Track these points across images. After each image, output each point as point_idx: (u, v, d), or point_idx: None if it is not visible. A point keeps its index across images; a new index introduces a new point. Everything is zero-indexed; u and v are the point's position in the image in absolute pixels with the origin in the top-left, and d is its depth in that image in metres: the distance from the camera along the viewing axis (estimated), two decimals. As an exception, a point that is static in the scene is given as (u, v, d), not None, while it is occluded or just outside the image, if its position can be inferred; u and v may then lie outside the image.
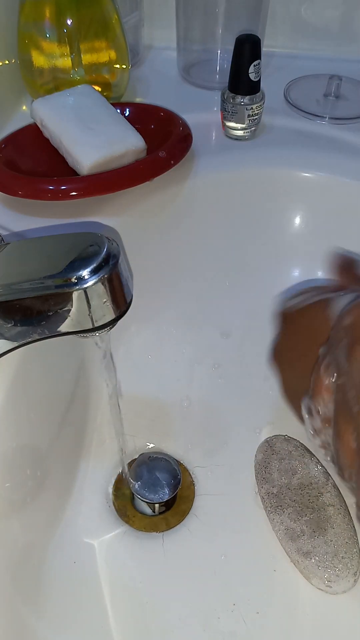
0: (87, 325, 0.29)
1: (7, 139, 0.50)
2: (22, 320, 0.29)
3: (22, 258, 0.30)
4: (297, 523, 0.40)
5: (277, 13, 0.64)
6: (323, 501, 0.41)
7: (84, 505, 0.43)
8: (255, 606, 0.38)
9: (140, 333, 0.49)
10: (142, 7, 0.65)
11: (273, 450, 0.44)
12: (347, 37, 0.65)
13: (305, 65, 0.65)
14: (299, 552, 0.39)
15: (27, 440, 0.38)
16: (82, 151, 0.47)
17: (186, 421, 0.47)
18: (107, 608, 0.38)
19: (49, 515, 0.41)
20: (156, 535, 0.42)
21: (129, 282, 0.30)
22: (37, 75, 0.55)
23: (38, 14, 0.52)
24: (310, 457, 0.43)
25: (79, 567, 0.40)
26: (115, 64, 0.56)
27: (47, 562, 0.39)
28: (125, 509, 0.43)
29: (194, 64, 0.64)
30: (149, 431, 0.47)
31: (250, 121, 0.53)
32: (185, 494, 0.44)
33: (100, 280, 0.27)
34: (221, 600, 0.38)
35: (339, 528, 0.39)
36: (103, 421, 0.46)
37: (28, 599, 0.37)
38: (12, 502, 0.37)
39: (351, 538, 0.39)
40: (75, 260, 0.27)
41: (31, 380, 0.38)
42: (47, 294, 0.27)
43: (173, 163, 0.47)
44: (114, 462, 0.45)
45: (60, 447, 0.42)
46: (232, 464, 0.45)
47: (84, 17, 0.53)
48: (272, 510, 0.41)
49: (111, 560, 0.40)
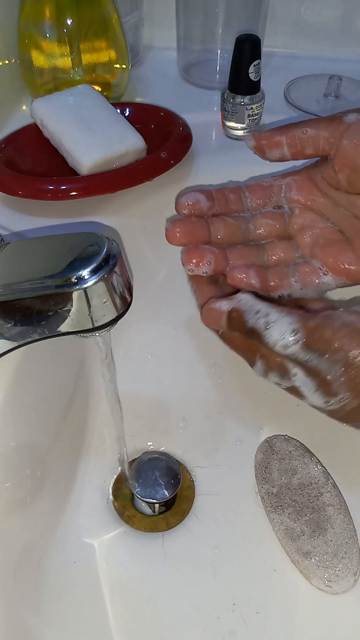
0: (87, 325, 0.29)
1: (7, 139, 0.50)
2: (22, 320, 0.29)
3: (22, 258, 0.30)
4: (297, 523, 0.40)
5: (277, 13, 0.64)
6: (323, 501, 0.41)
7: (84, 505, 0.43)
8: (255, 606, 0.38)
9: (140, 333, 0.49)
10: (142, 7, 0.65)
11: (273, 450, 0.44)
12: (347, 37, 0.65)
13: (305, 65, 0.65)
14: (299, 552, 0.39)
15: (27, 440, 0.38)
16: (82, 151, 0.47)
17: (186, 421, 0.47)
18: (107, 608, 0.38)
19: (49, 515, 0.41)
20: (156, 535, 0.42)
21: (129, 282, 0.30)
22: (37, 75, 0.55)
23: (38, 13, 0.52)
24: (310, 457, 0.43)
25: (79, 567, 0.40)
26: (115, 63, 0.56)
27: (47, 562, 0.39)
28: (125, 509, 0.43)
29: (194, 63, 0.64)
30: (149, 431, 0.47)
31: (250, 121, 0.53)
32: (185, 494, 0.44)
33: (100, 280, 0.27)
34: (221, 600, 0.38)
35: (339, 528, 0.39)
36: (103, 421, 0.46)
37: (28, 599, 0.37)
38: (12, 502, 0.37)
39: (351, 538, 0.39)
40: (75, 260, 0.27)
41: (31, 380, 0.38)
42: (47, 294, 0.27)
43: (173, 163, 0.47)
44: (114, 462, 0.45)
45: (60, 447, 0.42)
46: (232, 464, 0.45)
47: (84, 17, 0.53)
48: (272, 510, 0.41)
49: (111, 560, 0.40)
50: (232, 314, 0.34)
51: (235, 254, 0.39)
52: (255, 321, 0.33)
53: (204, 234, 0.38)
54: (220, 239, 0.39)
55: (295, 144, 0.36)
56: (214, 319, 0.36)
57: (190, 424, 0.47)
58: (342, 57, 0.65)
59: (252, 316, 0.33)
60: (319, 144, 0.36)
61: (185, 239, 0.38)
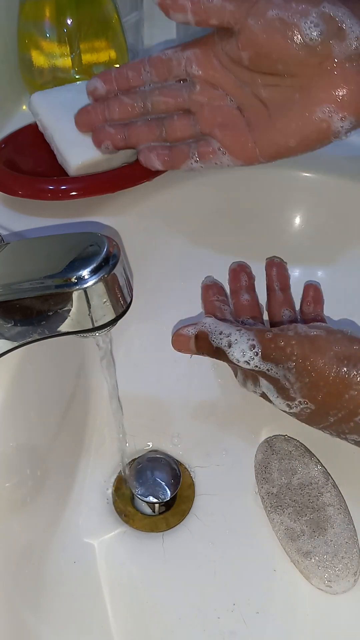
0: (87, 325, 0.29)
1: (7, 139, 0.50)
2: (22, 320, 0.29)
3: (22, 258, 0.30)
4: (297, 523, 0.40)
5: (277, 13, 0.64)
6: (323, 501, 0.41)
7: (84, 505, 0.43)
8: (255, 606, 0.38)
9: (140, 333, 0.49)
10: (142, 7, 0.65)
11: (273, 450, 0.44)
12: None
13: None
14: (299, 552, 0.39)
15: (27, 440, 0.38)
16: (71, 150, 0.46)
17: (186, 421, 0.47)
18: (107, 608, 0.38)
19: (49, 515, 0.41)
20: (156, 535, 0.42)
21: (129, 282, 0.30)
22: (37, 74, 0.55)
23: (38, 13, 0.52)
24: (310, 457, 0.43)
25: (79, 567, 0.40)
26: (115, 63, 0.56)
27: (47, 562, 0.39)
28: (125, 509, 0.43)
29: (194, 63, 0.64)
30: (149, 431, 0.47)
31: (250, 121, 0.53)
32: (185, 494, 0.44)
33: (100, 280, 0.27)
34: (221, 600, 0.38)
35: (339, 528, 0.39)
36: (103, 421, 0.46)
37: (28, 599, 0.37)
38: (12, 502, 0.37)
39: (351, 538, 0.39)
40: (75, 260, 0.28)
41: (31, 380, 0.38)
42: (47, 293, 0.27)
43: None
44: (114, 462, 0.45)
45: (60, 447, 0.42)
46: (232, 464, 0.45)
47: (84, 16, 0.52)
48: (272, 510, 0.41)
49: (111, 560, 0.40)
50: (198, 337, 0.38)
51: (134, 130, 0.41)
52: (219, 341, 0.36)
53: (100, 118, 0.42)
54: (118, 118, 0.42)
55: (200, 12, 0.36)
56: (183, 344, 0.39)
57: (191, 423, 0.47)
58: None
59: (216, 337, 0.36)
60: (224, 17, 0.36)
61: (85, 127, 0.43)
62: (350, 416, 0.31)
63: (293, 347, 0.32)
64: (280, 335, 0.33)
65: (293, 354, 0.32)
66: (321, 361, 0.31)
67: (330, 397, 0.31)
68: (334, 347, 0.31)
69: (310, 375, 0.31)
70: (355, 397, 0.30)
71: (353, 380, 0.30)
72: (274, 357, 0.33)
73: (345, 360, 0.31)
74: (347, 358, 0.31)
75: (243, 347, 0.34)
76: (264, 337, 0.34)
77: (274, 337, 0.33)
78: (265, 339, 0.33)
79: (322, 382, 0.31)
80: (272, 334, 0.33)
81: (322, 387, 0.31)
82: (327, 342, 0.32)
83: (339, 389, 0.31)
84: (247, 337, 0.34)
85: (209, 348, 0.37)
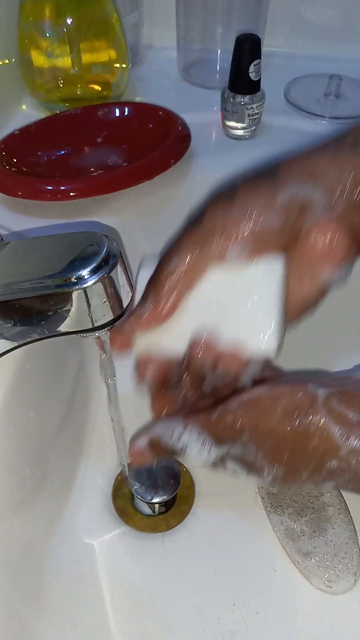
0: (87, 325, 0.29)
1: (7, 139, 0.50)
2: (22, 320, 0.29)
3: (22, 258, 0.30)
4: (297, 523, 0.40)
5: (277, 13, 0.64)
6: (323, 501, 0.41)
7: (84, 505, 0.43)
8: (255, 606, 0.38)
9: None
10: (142, 7, 0.65)
11: (273, 450, 0.43)
12: (347, 37, 0.65)
13: (305, 65, 0.64)
14: (299, 552, 0.39)
15: (27, 441, 0.38)
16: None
17: (186, 421, 0.47)
18: (107, 608, 0.38)
19: (49, 515, 0.41)
20: (156, 535, 0.41)
21: (130, 281, 0.30)
22: (37, 74, 0.55)
23: (38, 13, 0.52)
24: (311, 457, 0.43)
25: (79, 567, 0.40)
26: (115, 63, 0.56)
27: (47, 562, 0.39)
28: (125, 509, 0.43)
29: (194, 63, 0.64)
30: (149, 431, 0.47)
31: (250, 121, 0.53)
32: (185, 495, 0.44)
33: (100, 280, 0.27)
34: (221, 600, 0.38)
35: (339, 528, 0.39)
36: (103, 421, 0.46)
37: (28, 599, 0.37)
38: (12, 502, 0.37)
39: (351, 538, 0.39)
40: (75, 259, 0.27)
41: (31, 380, 0.38)
42: (47, 293, 0.27)
43: (173, 162, 0.47)
44: (114, 462, 0.45)
45: (60, 447, 0.42)
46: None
47: (84, 16, 0.53)
48: (272, 510, 0.41)
49: (111, 560, 0.40)
50: (152, 445, 0.35)
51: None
52: (172, 445, 0.34)
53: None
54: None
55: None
56: (139, 458, 0.36)
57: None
58: (342, 56, 0.65)
59: (168, 440, 0.34)
60: None
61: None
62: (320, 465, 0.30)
63: (241, 420, 0.31)
64: (225, 413, 0.32)
65: (244, 427, 0.31)
66: (272, 422, 0.30)
67: (295, 453, 0.30)
68: (279, 404, 0.30)
69: (268, 439, 0.30)
70: (318, 446, 0.29)
71: (309, 430, 0.29)
72: (227, 438, 0.32)
73: (295, 413, 0.30)
74: (294, 410, 0.30)
75: (197, 448, 0.33)
76: (210, 421, 0.32)
77: (219, 417, 0.32)
78: (211, 423, 0.32)
79: (281, 442, 0.30)
80: (217, 415, 0.32)
81: (283, 447, 0.30)
82: (270, 401, 0.30)
83: (301, 443, 0.30)
84: (196, 433, 0.33)
85: (165, 452, 0.35)
